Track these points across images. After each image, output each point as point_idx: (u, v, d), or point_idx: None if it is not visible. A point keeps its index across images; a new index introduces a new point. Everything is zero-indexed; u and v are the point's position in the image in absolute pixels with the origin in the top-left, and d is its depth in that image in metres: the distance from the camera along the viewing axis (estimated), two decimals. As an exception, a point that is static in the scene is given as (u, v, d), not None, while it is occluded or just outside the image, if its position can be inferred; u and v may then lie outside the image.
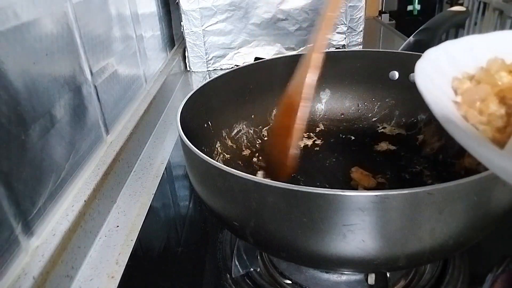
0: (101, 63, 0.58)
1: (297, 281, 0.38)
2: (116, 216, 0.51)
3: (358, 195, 0.24)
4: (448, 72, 0.25)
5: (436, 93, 0.23)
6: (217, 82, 0.49)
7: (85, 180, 0.48)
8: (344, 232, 0.26)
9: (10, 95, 0.36)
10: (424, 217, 0.25)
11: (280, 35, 1.06)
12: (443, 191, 0.25)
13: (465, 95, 0.23)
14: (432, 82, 0.23)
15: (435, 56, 0.25)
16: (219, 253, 0.43)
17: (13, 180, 0.35)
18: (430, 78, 0.23)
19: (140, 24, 0.80)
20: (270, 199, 0.27)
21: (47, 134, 0.41)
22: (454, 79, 0.25)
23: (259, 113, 0.54)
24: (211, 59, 1.06)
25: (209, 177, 0.32)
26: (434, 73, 0.24)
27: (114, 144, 0.57)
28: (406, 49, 0.67)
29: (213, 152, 0.47)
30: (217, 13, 1.00)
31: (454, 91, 0.24)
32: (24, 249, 0.37)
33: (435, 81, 0.24)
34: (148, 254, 0.46)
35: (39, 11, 0.42)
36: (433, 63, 0.25)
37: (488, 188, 0.26)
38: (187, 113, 0.40)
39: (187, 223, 0.50)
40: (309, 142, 0.54)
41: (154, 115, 0.76)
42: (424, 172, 0.46)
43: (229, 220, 0.32)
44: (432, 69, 0.24)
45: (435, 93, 0.23)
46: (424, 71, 0.24)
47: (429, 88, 0.22)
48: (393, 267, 0.31)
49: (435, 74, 0.24)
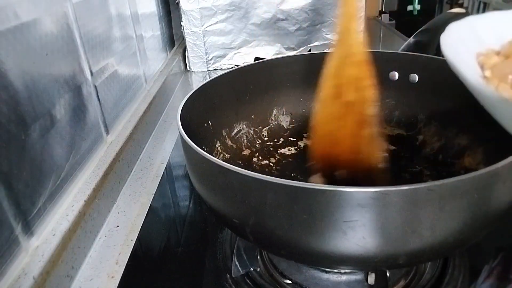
0: (101, 63, 0.58)
1: (297, 281, 0.38)
2: (116, 216, 0.51)
3: (358, 191, 0.24)
4: (472, 47, 0.24)
5: (465, 67, 0.22)
6: (218, 81, 0.49)
7: (85, 180, 0.48)
8: (344, 229, 0.26)
9: (10, 95, 0.36)
10: (425, 214, 0.25)
11: (280, 35, 1.06)
12: (444, 188, 0.25)
13: (495, 70, 0.23)
14: (459, 56, 0.23)
15: (459, 30, 0.25)
16: (219, 253, 0.43)
17: (13, 180, 0.35)
18: (457, 53, 0.23)
19: (140, 24, 0.80)
20: (270, 195, 0.27)
21: (47, 134, 0.41)
22: (479, 55, 0.24)
23: (259, 113, 0.54)
24: (211, 59, 1.06)
25: (209, 174, 0.32)
26: (460, 47, 0.24)
27: (114, 144, 0.57)
28: (406, 50, 0.67)
29: (213, 151, 0.47)
30: (217, 13, 1.00)
31: (481, 66, 0.24)
32: (24, 249, 0.37)
33: (461, 56, 0.23)
34: (148, 254, 0.46)
35: (39, 11, 0.42)
36: (458, 38, 0.24)
37: (488, 185, 0.26)
38: (188, 112, 0.40)
39: (187, 223, 0.50)
40: (309, 142, 0.54)
41: (154, 115, 0.76)
42: (424, 172, 0.46)
43: (229, 218, 0.32)
44: (457, 43, 0.24)
45: (464, 67, 0.22)
46: (450, 45, 0.24)
47: (458, 62, 0.22)
48: (393, 265, 0.31)
49: (461, 48, 0.24)
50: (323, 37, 1.08)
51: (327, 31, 1.08)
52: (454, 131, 0.48)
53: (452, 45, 0.24)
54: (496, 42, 0.25)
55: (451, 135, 0.48)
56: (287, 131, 0.56)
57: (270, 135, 0.55)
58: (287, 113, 0.57)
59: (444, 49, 0.23)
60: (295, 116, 0.57)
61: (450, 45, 0.23)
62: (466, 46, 0.24)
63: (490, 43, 0.25)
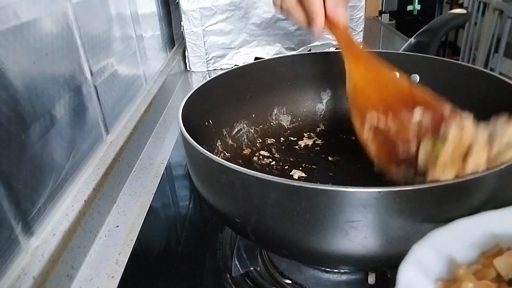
0: (101, 63, 0.58)
1: (297, 280, 0.38)
2: (116, 216, 0.51)
3: (360, 191, 0.24)
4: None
5: None
6: (218, 81, 0.49)
7: (85, 180, 0.48)
8: (346, 229, 0.26)
9: (10, 95, 0.36)
10: (427, 214, 0.25)
11: (280, 35, 1.06)
12: (446, 188, 0.25)
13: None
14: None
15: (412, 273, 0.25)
16: (219, 253, 0.43)
17: (13, 180, 0.35)
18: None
19: (140, 24, 0.80)
20: (272, 195, 0.27)
21: (47, 134, 0.41)
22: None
23: (260, 112, 0.54)
24: (211, 59, 1.06)
25: (211, 173, 0.32)
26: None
27: (114, 144, 0.57)
28: (407, 50, 0.67)
29: (214, 150, 0.47)
30: (217, 13, 1.00)
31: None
32: (24, 249, 0.36)
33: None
34: (148, 254, 0.46)
35: (39, 11, 0.42)
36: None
37: (491, 186, 0.26)
38: (188, 111, 0.40)
39: (187, 223, 0.50)
40: (310, 142, 0.54)
41: (154, 115, 0.76)
42: (424, 171, 0.46)
43: (231, 217, 0.32)
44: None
45: None
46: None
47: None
48: (395, 265, 0.31)
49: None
50: (323, 37, 1.08)
51: (327, 31, 1.08)
52: (454, 131, 0.48)
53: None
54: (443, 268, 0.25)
55: (452, 135, 0.48)
56: (287, 131, 0.56)
57: (271, 134, 0.55)
58: (287, 112, 0.57)
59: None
60: (295, 115, 0.57)
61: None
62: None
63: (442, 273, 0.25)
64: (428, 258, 0.25)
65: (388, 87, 0.41)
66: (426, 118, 0.37)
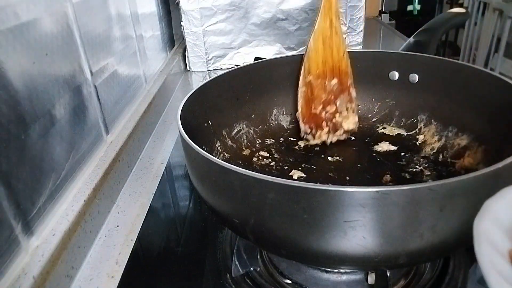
0: (101, 63, 0.58)
1: (297, 280, 0.38)
2: (116, 216, 0.51)
3: (359, 191, 0.24)
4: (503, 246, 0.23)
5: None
6: (218, 81, 0.49)
7: (85, 180, 0.48)
8: (345, 229, 0.26)
9: (10, 95, 0.36)
10: (425, 214, 0.25)
11: (280, 35, 1.06)
12: (444, 187, 0.25)
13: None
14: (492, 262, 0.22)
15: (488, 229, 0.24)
16: (219, 253, 0.43)
17: (13, 180, 0.35)
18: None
19: (140, 24, 0.80)
20: (271, 195, 0.27)
21: (47, 134, 0.41)
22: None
23: (259, 112, 0.54)
24: (211, 59, 1.06)
25: (210, 174, 0.32)
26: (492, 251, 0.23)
27: (114, 144, 0.57)
28: (406, 50, 0.67)
29: (213, 151, 0.47)
30: (217, 13, 1.00)
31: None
32: (24, 249, 0.36)
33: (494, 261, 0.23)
34: (148, 254, 0.46)
35: (39, 11, 0.42)
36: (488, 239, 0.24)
37: (489, 185, 0.26)
38: (188, 112, 0.40)
39: (187, 223, 0.50)
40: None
41: (154, 115, 0.76)
42: (424, 172, 0.46)
43: (230, 218, 0.32)
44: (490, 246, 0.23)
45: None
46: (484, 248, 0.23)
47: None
48: (394, 264, 0.31)
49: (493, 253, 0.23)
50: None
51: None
52: (454, 131, 0.48)
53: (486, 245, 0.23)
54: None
55: (451, 135, 0.48)
56: (287, 131, 0.56)
57: (270, 135, 0.55)
58: (287, 113, 0.57)
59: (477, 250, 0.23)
60: (295, 116, 0.57)
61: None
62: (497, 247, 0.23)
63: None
64: (503, 213, 0.24)
65: (333, 50, 0.51)
66: (336, 89, 0.52)
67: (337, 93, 0.52)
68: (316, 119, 0.52)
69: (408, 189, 0.24)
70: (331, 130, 0.52)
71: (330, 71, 0.52)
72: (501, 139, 0.41)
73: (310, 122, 0.52)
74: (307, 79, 0.52)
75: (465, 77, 0.46)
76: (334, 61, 0.51)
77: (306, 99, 0.52)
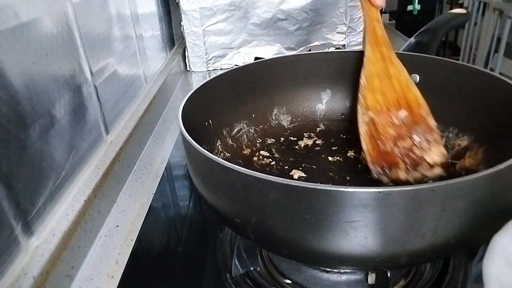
0: (101, 63, 0.58)
1: (297, 280, 0.38)
2: (116, 216, 0.51)
3: (361, 191, 0.24)
4: None
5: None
6: (218, 80, 0.49)
7: (85, 180, 0.48)
8: (346, 229, 0.26)
9: (10, 95, 0.36)
10: (427, 215, 0.25)
11: (280, 35, 1.06)
12: (446, 189, 0.25)
13: None
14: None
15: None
16: (219, 253, 0.43)
17: (13, 180, 0.35)
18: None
19: (140, 24, 0.80)
20: (272, 195, 0.27)
21: (47, 134, 0.41)
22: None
23: (260, 112, 0.54)
24: (211, 59, 1.06)
25: (211, 174, 0.32)
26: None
27: (114, 144, 0.57)
28: (407, 50, 0.67)
29: (214, 150, 0.47)
30: (217, 13, 1.00)
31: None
32: (24, 248, 0.36)
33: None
34: (148, 254, 0.46)
35: (39, 11, 0.42)
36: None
37: (491, 186, 0.26)
38: (188, 111, 0.40)
39: (187, 223, 0.50)
40: (310, 142, 0.54)
41: (154, 115, 0.76)
42: (425, 172, 0.46)
43: (231, 217, 0.32)
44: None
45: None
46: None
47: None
48: (395, 265, 0.31)
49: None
50: (323, 37, 1.08)
51: (327, 31, 1.08)
52: (454, 131, 0.48)
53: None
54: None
55: (452, 136, 0.48)
56: (287, 131, 0.56)
57: (271, 134, 0.55)
58: (287, 112, 0.57)
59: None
60: (295, 115, 0.57)
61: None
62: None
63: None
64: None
65: (393, 81, 0.46)
66: (407, 121, 0.45)
67: (410, 125, 0.45)
68: (387, 157, 0.45)
69: (410, 190, 0.24)
70: (410, 167, 0.45)
71: (394, 103, 0.45)
72: (501, 140, 0.41)
73: (380, 161, 0.45)
74: (366, 117, 0.45)
75: (466, 77, 0.46)
76: (397, 92, 0.46)
77: (371, 137, 0.45)
